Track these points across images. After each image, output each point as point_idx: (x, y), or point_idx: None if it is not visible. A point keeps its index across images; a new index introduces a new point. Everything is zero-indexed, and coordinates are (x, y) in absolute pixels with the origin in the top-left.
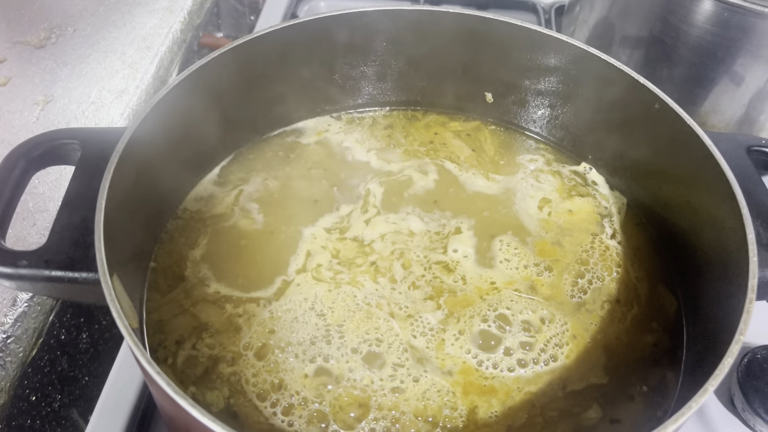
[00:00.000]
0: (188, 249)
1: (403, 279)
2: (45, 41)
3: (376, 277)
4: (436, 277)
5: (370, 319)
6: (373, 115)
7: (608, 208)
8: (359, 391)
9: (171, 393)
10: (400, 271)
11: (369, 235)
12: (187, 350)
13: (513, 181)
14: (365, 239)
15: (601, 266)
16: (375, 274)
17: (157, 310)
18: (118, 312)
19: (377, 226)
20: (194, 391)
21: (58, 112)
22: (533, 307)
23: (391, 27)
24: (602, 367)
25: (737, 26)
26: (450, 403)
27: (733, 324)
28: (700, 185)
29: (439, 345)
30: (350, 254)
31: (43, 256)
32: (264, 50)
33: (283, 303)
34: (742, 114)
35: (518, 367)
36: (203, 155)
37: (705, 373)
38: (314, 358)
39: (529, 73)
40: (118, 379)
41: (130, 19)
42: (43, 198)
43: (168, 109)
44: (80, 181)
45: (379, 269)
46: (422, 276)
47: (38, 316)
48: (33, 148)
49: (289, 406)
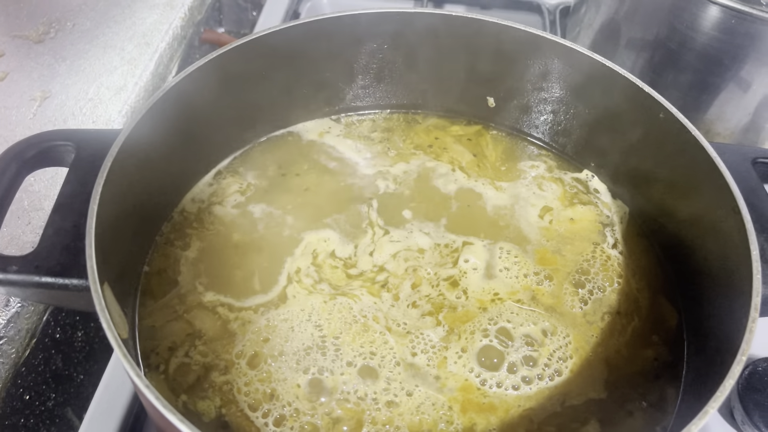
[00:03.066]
0: (183, 252)
1: (407, 296)
2: (44, 36)
3: (379, 292)
4: (440, 294)
5: (366, 333)
6: (373, 118)
7: (610, 217)
8: (352, 404)
9: (160, 407)
10: (408, 288)
11: (367, 250)
12: (180, 357)
13: (515, 187)
14: (360, 252)
15: (602, 276)
16: (377, 288)
17: (150, 315)
18: (108, 322)
19: (384, 247)
20: (185, 400)
21: (55, 109)
22: (534, 319)
23: (393, 29)
24: (602, 381)
25: (744, 33)
26: (446, 417)
27: (735, 342)
28: (704, 197)
29: (441, 363)
30: (341, 266)
31: (33, 261)
32: (264, 51)
33: (281, 312)
34: (747, 121)
35: (523, 384)
36: (200, 157)
37: (706, 390)
38: (308, 369)
39: (532, 78)
40: (113, 379)
41: (130, 15)
42: (38, 196)
43: (164, 111)
44: (73, 185)
45: (385, 284)
46: (427, 295)
47: (31, 317)
48: (26, 150)
49: (280, 416)
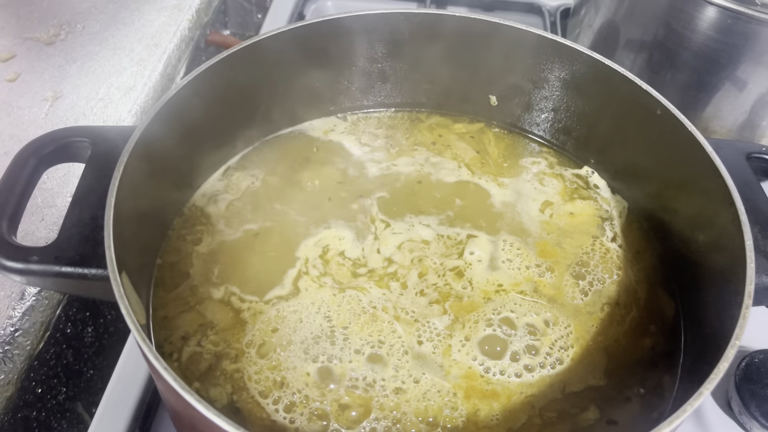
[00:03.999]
0: (194, 246)
1: (414, 285)
2: (54, 38)
3: (388, 283)
4: (447, 284)
5: (375, 322)
6: (378, 116)
7: (609, 211)
8: (361, 390)
9: (178, 388)
10: (414, 276)
11: (374, 246)
12: (192, 346)
13: (517, 183)
14: (368, 251)
15: (601, 268)
16: (385, 281)
17: (163, 306)
18: (127, 309)
19: (388, 239)
20: (198, 387)
21: (66, 109)
22: (537, 310)
23: (396, 29)
24: (602, 369)
25: (740, 33)
26: (450, 403)
27: (730, 329)
28: (700, 191)
29: (446, 351)
30: (349, 264)
31: (53, 252)
32: (271, 51)
33: (291, 304)
34: (744, 120)
35: (525, 372)
36: (210, 155)
37: (701, 376)
38: (317, 357)
39: (533, 77)
40: (124, 373)
41: (139, 17)
42: (51, 194)
43: (176, 109)
44: (90, 179)
45: (394, 275)
46: (434, 284)
47: (45, 310)
48: (44, 145)
49: (290, 403)
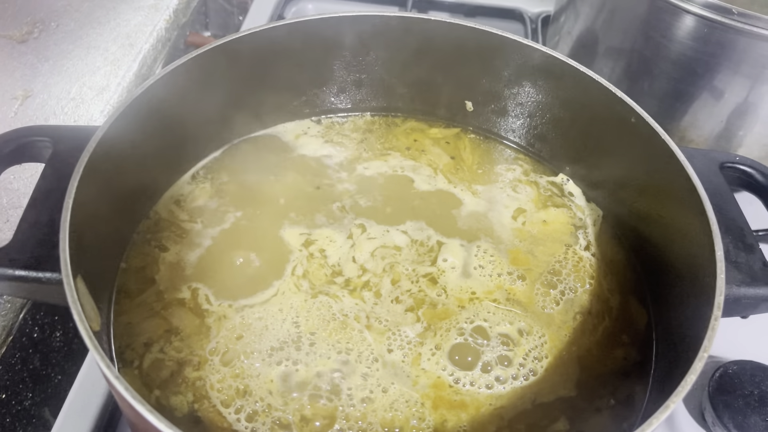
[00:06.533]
0: (160, 251)
1: (389, 293)
2: (27, 36)
3: (361, 293)
4: (421, 290)
5: (344, 330)
6: (353, 120)
7: (583, 219)
8: (325, 400)
9: (128, 397)
10: (388, 284)
11: (349, 254)
12: (155, 353)
13: (491, 191)
14: (344, 259)
15: (573, 277)
16: (358, 291)
17: (126, 312)
18: (80, 314)
19: (363, 245)
20: (158, 395)
21: (36, 108)
22: (510, 319)
23: (374, 32)
24: (574, 380)
25: (717, 42)
26: (418, 413)
27: (699, 340)
28: (674, 200)
29: (415, 359)
30: (325, 270)
31: (7, 254)
32: (246, 51)
33: (257, 310)
34: (720, 129)
35: (497, 384)
36: (179, 156)
37: (672, 387)
38: (280, 361)
39: (509, 83)
40: (86, 379)
41: (115, 16)
42: (17, 194)
43: (144, 109)
44: (49, 180)
45: (366, 285)
46: (408, 290)
47: (8, 314)
48: (2, 145)
49: (253, 412)
